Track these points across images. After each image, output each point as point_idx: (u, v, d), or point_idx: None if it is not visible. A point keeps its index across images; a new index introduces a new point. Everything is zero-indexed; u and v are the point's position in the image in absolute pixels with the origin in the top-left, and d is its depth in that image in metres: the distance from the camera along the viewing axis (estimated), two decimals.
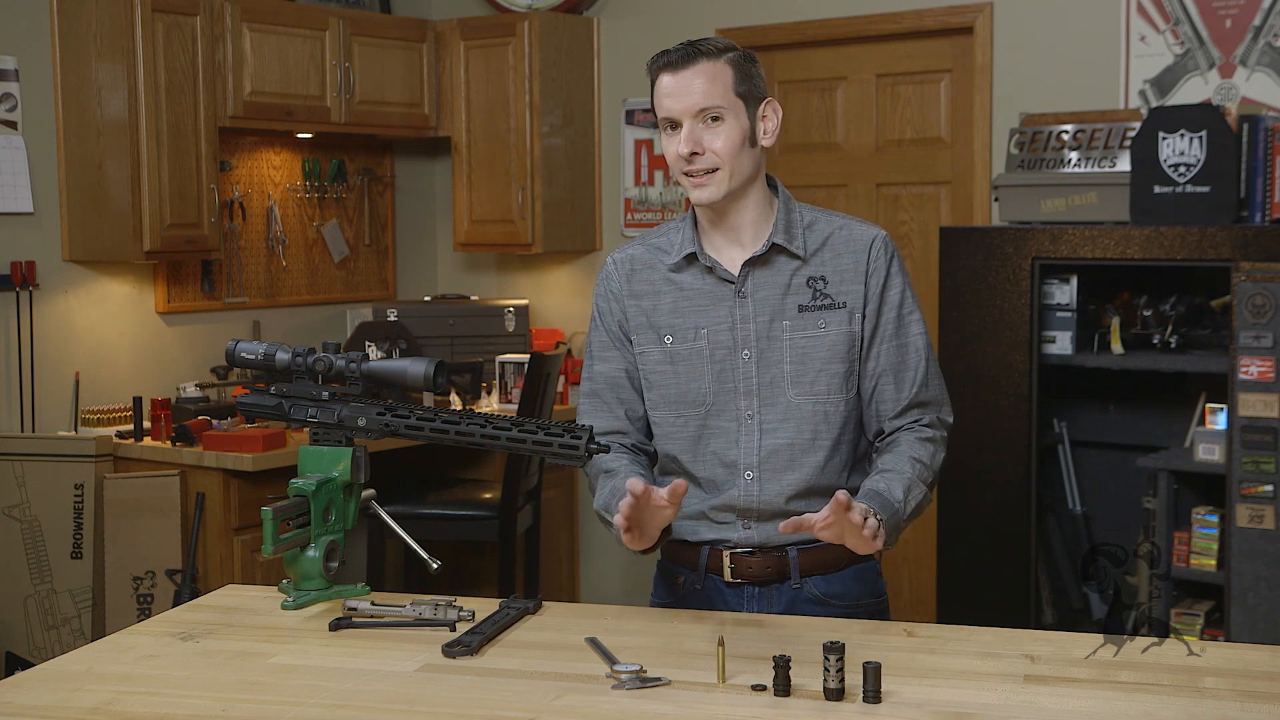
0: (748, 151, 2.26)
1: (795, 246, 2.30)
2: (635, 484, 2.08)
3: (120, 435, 4.55)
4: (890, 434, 2.35)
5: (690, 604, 2.35)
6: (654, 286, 2.36)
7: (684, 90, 2.22)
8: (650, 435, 2.43)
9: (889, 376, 2.33)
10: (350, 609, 2.22)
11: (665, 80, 2.25)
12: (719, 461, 2.32)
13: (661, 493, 2.09)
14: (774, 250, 2.31)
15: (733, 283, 2.31)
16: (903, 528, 2.24)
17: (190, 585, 4.27)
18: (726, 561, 2.34)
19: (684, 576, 2.39)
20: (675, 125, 2.25)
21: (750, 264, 2.30)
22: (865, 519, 2.08)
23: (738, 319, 2.31)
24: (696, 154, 2.23)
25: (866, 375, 2.33)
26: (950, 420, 2.40)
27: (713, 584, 2.36)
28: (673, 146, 2.26)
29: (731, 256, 2.32)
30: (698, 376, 2.32)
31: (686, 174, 2.26)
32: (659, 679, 1.91)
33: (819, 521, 2.03)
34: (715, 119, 2.23)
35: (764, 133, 2.30)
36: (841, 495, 2.03)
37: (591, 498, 2.40)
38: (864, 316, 2.31)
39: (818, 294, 2.30)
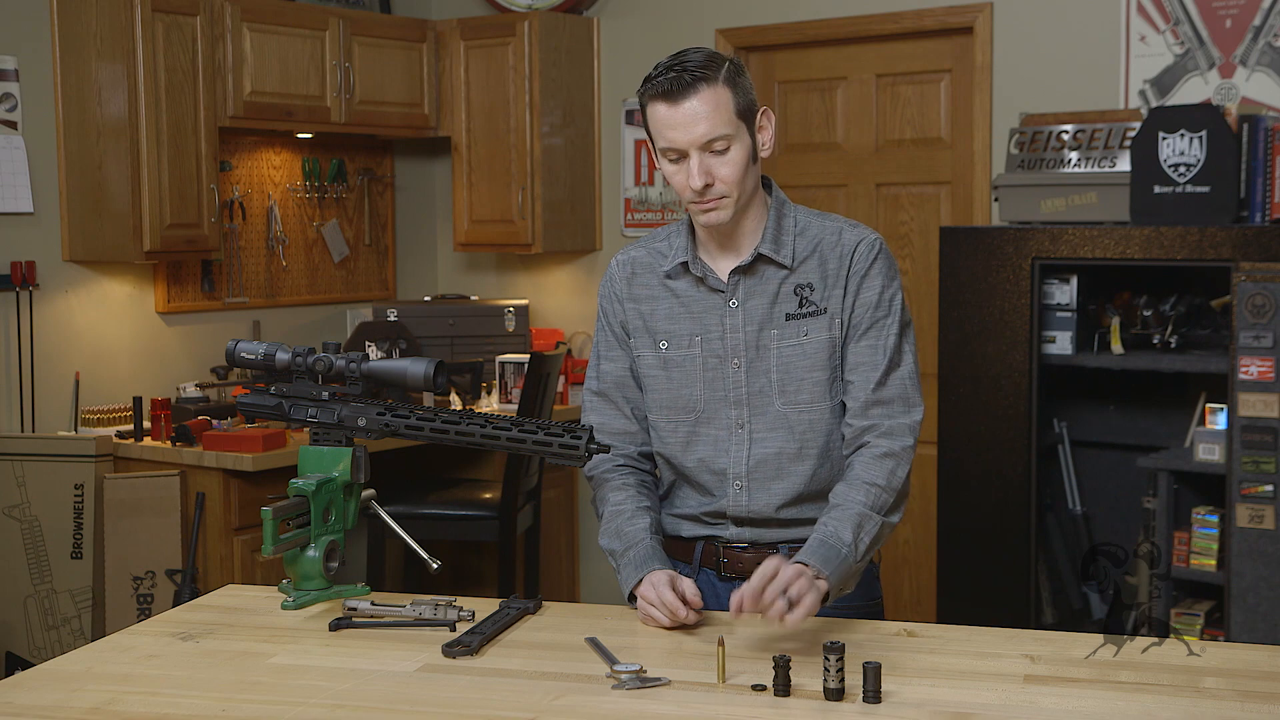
0: (751, 170, 2.25)
1: (782, 256, 2.28)
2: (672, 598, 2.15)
3: (120, 435, 4.55)
4: (851, 448, 2.29)
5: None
6: (651, 291, 2.36)
7: (688, 122, 2.17)
8: None
9: (856, 374, 2.28)
10: (350, 609, 2.22)
11: (664, 111, 2.19)
12: (708, 468, 2.32)
13: (687, 596, 2.16)
14: (761, 260, 2.29)
15: (723, 292, 2.31)
16: (860, 568, 2.19)
17: (190, 585, 4.27)
18: (720, 557, 2.35)
19: (678, 570, 2.39)
20: (680, 154, 2.21)
21: (739, 273, 2.29)
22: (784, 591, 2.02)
23: (728, 328, 2.30)
24: (709, 185, 2.20)
25: (844, 375, 2.30)
26: (915, 420, 2.29)
27: (706, 579, 2.37)
28: (679, 177, 2.21)
29: (725, 265, 2.32)
30: (690, 383, 2.32)
31: (696, 203, 2.23)
32: (659, 679, 1.91)
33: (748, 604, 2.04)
34: (723, 147, 2.19)
35: (763, 145, 2.27)
36: (760, 575, 2.03)
37: (591, 500, 2.41)
38: (842, 318, 2.29)
39: (804, 301, 2.28)
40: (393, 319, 5.28)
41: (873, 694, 1.83)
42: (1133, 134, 3.98)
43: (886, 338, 2.29)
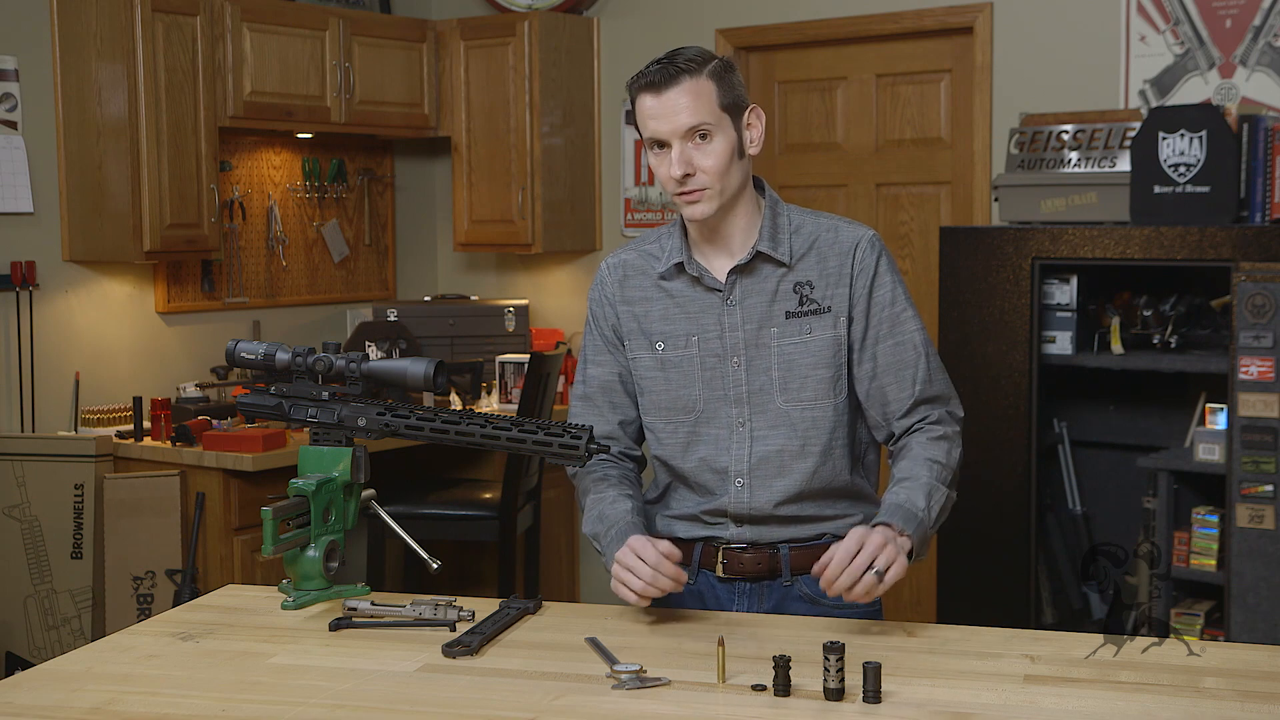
0: (736, 164, 2.25)
1: (780, 254, 2.29)
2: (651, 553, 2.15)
3: (120, 435, 4.55)
4: (901, 437, 2.34)
5: (683, 600, 2.36)
6: (645, 293, 2.36)
7: (669, 111, 2.20)
8: (640, 439, 2.44)
9: (890, 375, 2.31)
10: (350, 609, 2.22)
11: (648, 101, 2.22)
12: (709, 468, 2.33)
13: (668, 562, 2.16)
14: (759, 258, 2.30)
15: (720, 291, 2.31)
16: (930, 535, 2.23)
17: (190, 585, 4.27)
18: (719, 558, 2.35)
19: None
20: (663, 145, 2.23)
21: (737, 272, 2.30)
22: (870, 566, 2.08)
23: (726, 327, 2.31)
24: (689, 175, 2.22)
25: (865, 377, 2.32)
26: (961, 414, 2.38)
27: (705, 580, 2.37)
28: (663, 168, 2.23)
29: (720, 264, 2.32)
30: (688, 383, 2.33)
31: (678, 194, 2.24)
32: (659, 679, 1.91)
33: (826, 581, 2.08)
34: (703, 137, 2.21)
35: (750, 142, 2.28)
36: (844, 553, 2.08)
37: (576, 495, 2.43)
38: (850, 320, 2.30)
39: (804, 299, 2.29)
40: (393, 319, 5.28)
41: (873, 694, 1.83)
42: (1133, 134, 3.98)
43: (910, 333, 2.33)
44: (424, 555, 2.37)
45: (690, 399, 2.33)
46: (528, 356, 4.66)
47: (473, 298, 5.67)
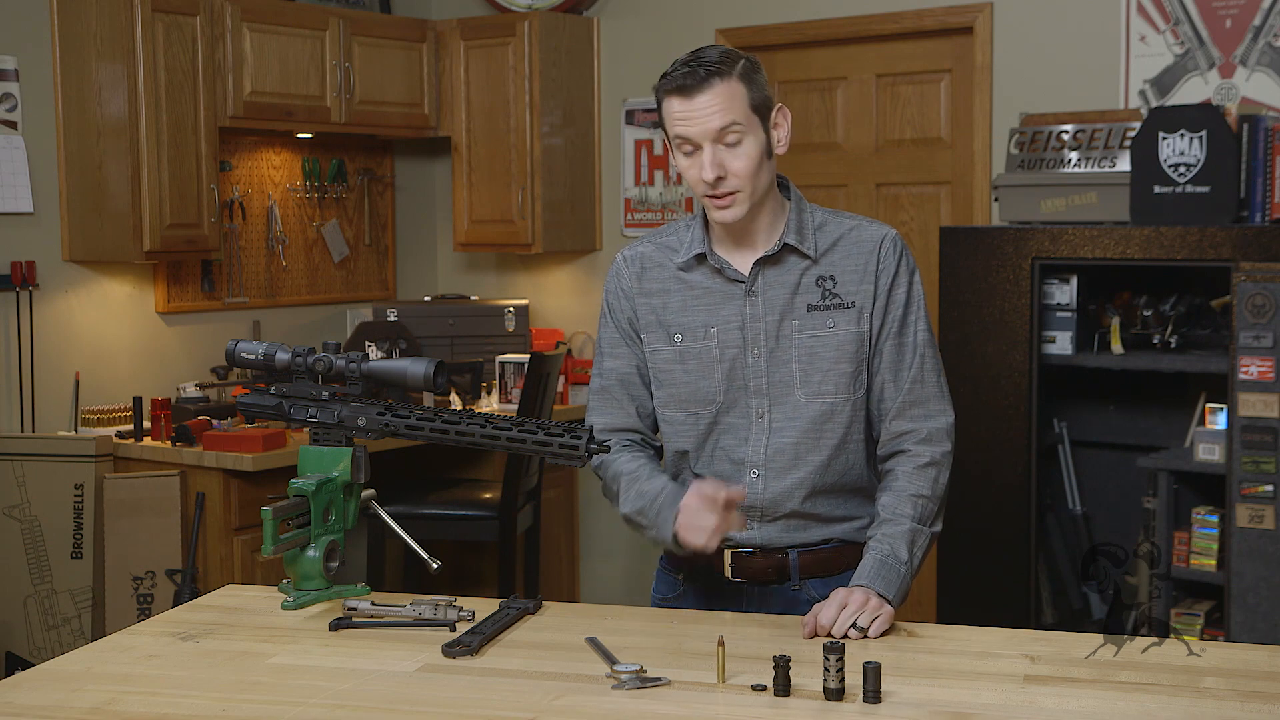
0: (765, 165, 2.25)
1: (806, 247, 2.30)
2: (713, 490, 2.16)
3: (120, 435, 4.55)
4: (890, 457, 2.34)
5: (690, 601, 2.36)
6: (664, 285, 2.36)
7: (701, 114, 2.19)
8: (658, 431, 2.43)
9: (889, 372, 2.32)
10: (350, 609, 2.22)
11: (678, 104, 2.21)
12: (728, 458, 2.33)
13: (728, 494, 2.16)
14: (785, 250, 2.31)
15: (742, 282, 2.31)
16: (911, 580, 2.25)
17: (190, 585, 4.27)
18: (728, 560, 2.34)
19: (685, 573, 2.40)
20: (693, 147, 2.22)
21: (761, 263, 2.30)
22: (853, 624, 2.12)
23: (747, 318, 2.31)
24: (720, 178, 2.21)
25: (873, 373, 2.33)
26: (950, 423, 2.35)
27: (713, 582, 2.37)
28: (693, 170, 2.23)
29: (742, 258, 2.33)
30: (708, 375, 2.33)
31: (709, 196, 2.24)
32: (659, 679, 1.91)
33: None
34: (734, 139, 2.20)
35: (778, 141, 2.28)
36: (830, 607, 2.12)
37: (597, 497, 2.42)
38: (872, 315, 2.31)
39: (827, 293, 2.30)
40: (393, 319, 5.28)
41: (873, 694, 1.83)
42: (1133, 134, 3.98)
43: (915, 334, 2.34)
44: (424, 555, 2.37)
45: (711, 390, 2.33)
46: (528, 356, 4.66)
47: (473, 298, 5.67)
